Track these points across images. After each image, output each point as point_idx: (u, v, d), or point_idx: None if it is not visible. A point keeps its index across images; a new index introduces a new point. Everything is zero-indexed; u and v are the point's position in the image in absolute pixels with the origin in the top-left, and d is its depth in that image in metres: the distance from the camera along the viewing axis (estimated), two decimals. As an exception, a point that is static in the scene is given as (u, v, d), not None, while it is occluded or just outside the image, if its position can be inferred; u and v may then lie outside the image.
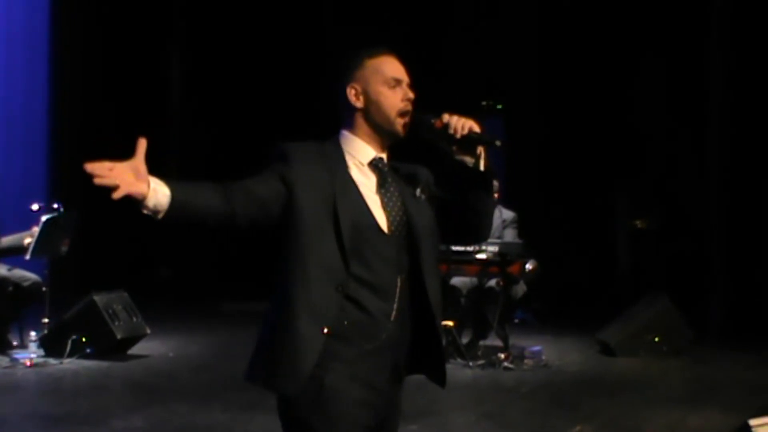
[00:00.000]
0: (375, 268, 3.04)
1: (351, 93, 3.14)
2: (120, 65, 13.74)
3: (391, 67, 3.16)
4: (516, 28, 13.49)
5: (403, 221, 3.11)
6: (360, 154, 3.14)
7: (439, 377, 3.23)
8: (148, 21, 14.06)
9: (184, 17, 14.61)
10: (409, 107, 3.15)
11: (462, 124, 3.09)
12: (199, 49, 14.42)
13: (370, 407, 3.07)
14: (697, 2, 11.77)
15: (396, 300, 3.08)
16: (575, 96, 12.95)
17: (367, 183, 3.12)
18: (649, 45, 12.64)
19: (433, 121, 3.12)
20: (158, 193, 2.81)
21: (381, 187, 3.13)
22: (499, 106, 14.09)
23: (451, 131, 3.09)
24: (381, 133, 3.14)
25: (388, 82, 3.13)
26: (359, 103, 3.13)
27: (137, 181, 2.77)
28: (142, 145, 2.79)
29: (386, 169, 3.16)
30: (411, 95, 3.16)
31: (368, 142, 3.15)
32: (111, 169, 2.74)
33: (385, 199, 3.11)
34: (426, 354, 3.19)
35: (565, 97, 13.05)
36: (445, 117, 3.11)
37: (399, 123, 3.13)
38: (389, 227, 3.09)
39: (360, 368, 3.04)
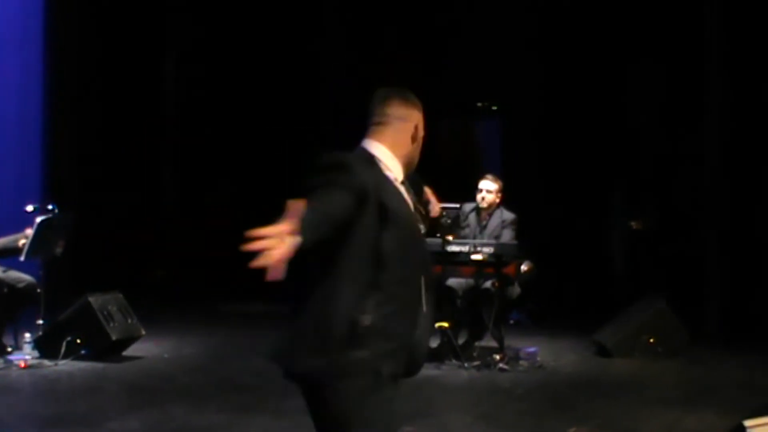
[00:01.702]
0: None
1: (413, 129, 3.55)
2: (115, 67, 13.71)
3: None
4: (512, 29, 13.48)
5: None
6: (397, 172, 3.51)
7: None
8: (143, 22, 14.04)
9: (179, 18, 14.58)
10: None
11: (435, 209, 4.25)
12: (195, 51, 14.39)
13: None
14: (693, 3, 11.77)
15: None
16: (571, 97, 12.94)
17: (403, 194, 3.54)
18: (645, 45, 12.64)
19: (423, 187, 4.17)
20: None
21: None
22: (495, 107, 14.09)
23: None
24: (409, 165, 3.59)
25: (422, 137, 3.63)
26: (414, 140, 3.56)
27: None
28: None
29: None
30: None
31: (402, 166, 3.55)
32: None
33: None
34: None
35: (561, 98, 13.04)
36: (428, 193, 4.16)
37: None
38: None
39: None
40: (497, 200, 9.35)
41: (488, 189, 9.33)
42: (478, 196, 9.33)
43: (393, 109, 3.52)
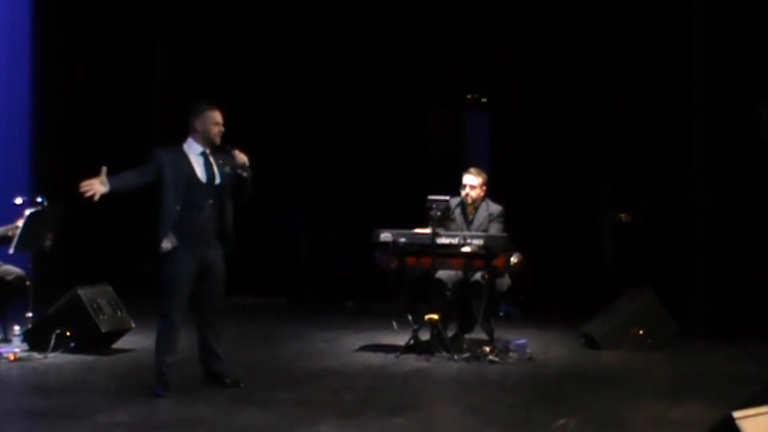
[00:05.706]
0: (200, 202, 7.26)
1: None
2: (102, 61, 13.67)
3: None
4: (502, 21, 13.47)
5: (213, 178, 7.29)
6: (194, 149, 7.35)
7: None
8: (130, 16, 13.98)
9: (168, 12, 14.50)
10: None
11: (242, 160, 7.33)
12: (183, 46, 14.32)
13: None
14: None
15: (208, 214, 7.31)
16: (560, 89, 12.92)
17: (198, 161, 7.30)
18: (632, 37, 12.64)
19: (230, 150, 7.35)
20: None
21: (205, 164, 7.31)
22: (484, 100, 14.08)
23: (236, 161, 7.31)
24: (206, 141, 7.32)
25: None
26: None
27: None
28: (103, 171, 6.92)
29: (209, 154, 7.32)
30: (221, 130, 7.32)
31: (200, 143, 7.35)
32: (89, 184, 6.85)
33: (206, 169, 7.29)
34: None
35: (549, 91, 13.02)
36: (236, 152, 7.32)
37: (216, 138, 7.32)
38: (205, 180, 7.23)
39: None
40: (482, 194, 9.36)
41: (471, 184, 9.33)
42: (462, 192, 9.34)
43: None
